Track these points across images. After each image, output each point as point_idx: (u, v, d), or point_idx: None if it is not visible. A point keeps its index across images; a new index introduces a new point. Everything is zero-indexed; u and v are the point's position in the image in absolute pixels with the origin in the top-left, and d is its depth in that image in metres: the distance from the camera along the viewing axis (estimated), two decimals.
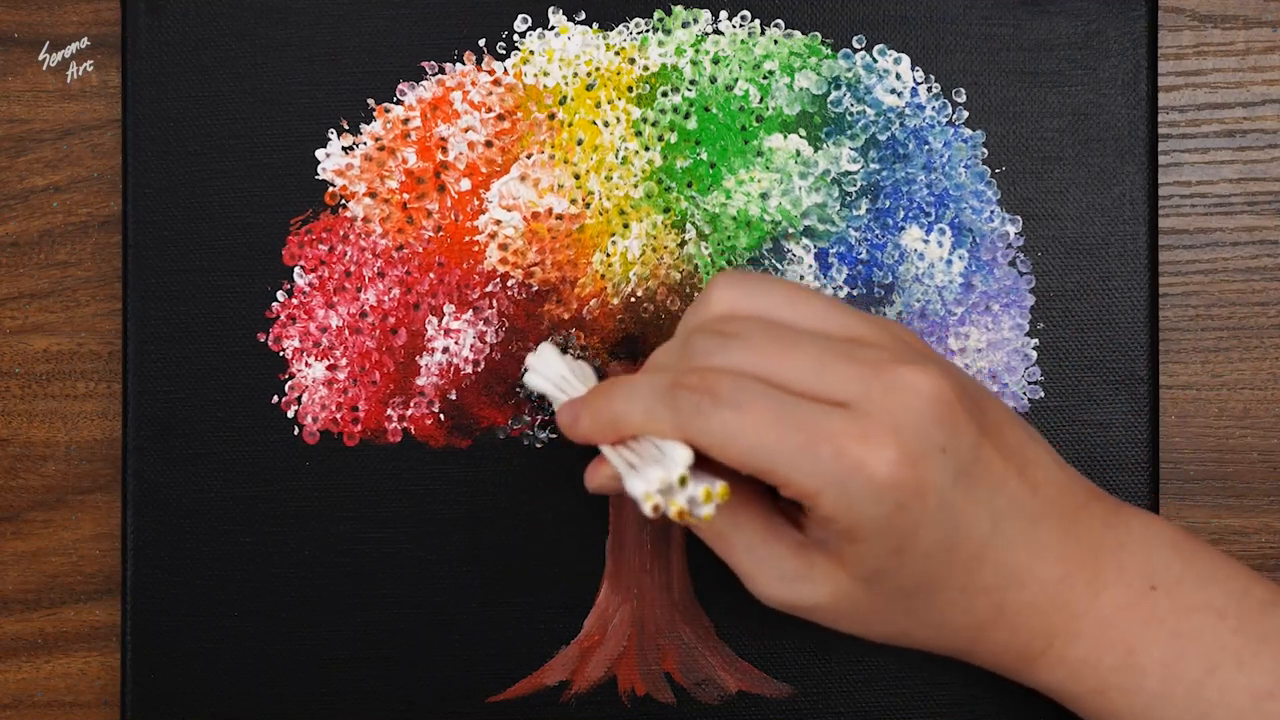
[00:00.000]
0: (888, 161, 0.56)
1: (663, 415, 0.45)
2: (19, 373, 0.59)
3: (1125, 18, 0.56)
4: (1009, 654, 0.49)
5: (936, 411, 0.45)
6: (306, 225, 0.57)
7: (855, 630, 0.49)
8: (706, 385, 0.45)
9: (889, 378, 0.45)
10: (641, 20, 0.57)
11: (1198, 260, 0.59)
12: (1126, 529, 0.49)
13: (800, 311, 0.47)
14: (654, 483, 0.45)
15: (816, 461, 0.44)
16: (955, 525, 0.46)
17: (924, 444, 0.45)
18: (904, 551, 0.46)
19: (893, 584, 0.47)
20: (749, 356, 0.46)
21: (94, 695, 0.58)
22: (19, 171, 0.59)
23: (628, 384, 0.47)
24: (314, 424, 0.56)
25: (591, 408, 0.48)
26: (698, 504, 0.45)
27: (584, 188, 0.56)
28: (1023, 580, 0.47)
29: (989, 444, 0.47)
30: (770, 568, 0.47)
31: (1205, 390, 0.58)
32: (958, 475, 0.45)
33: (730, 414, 0.44)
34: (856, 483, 0.44)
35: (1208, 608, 0.48)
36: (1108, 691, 0.48)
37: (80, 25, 0.59)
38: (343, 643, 0.56)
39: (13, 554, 0.59)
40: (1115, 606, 0.48)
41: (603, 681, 0.56)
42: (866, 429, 0.44)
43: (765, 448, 0.44)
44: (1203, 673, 0.47)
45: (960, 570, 0.47)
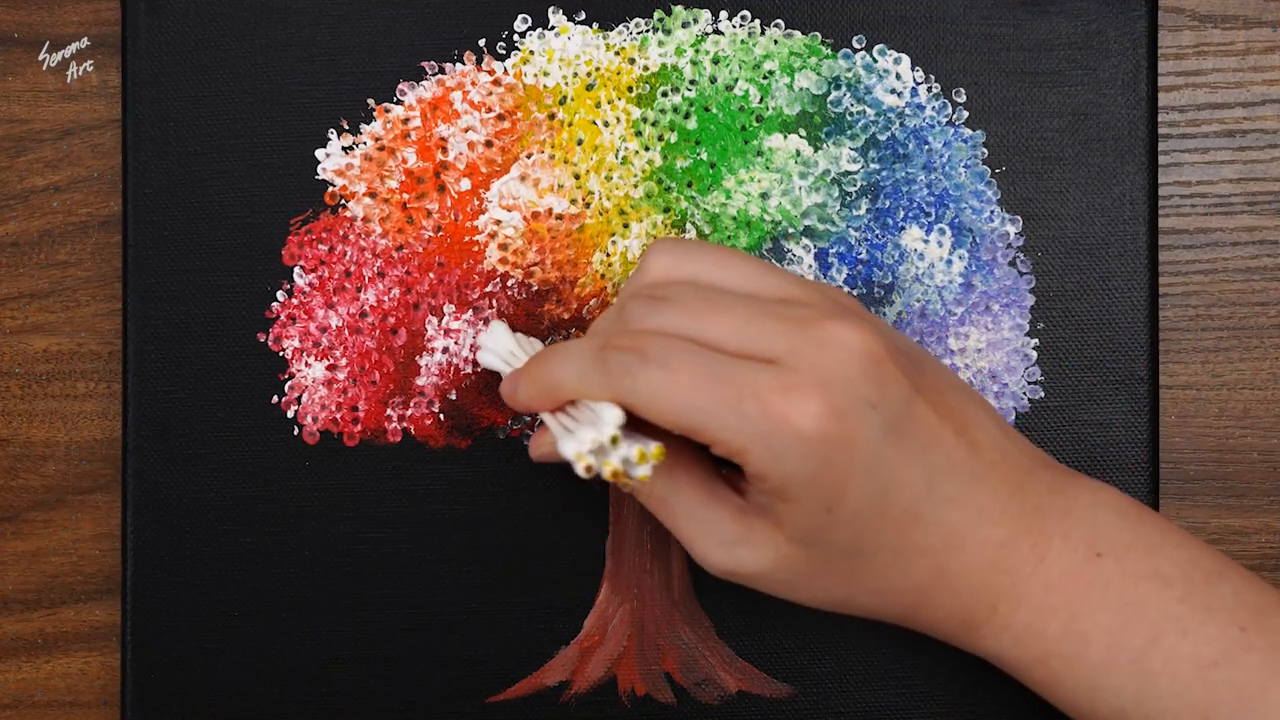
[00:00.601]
0: (888, 161, 0.56)
1: (593, 377, 0.46)
2: (19, 373, 0.59)
3: (1125, 18, 0.56)
4: (952, 620, 0.48)
5: (865, 366, 0.45)
6: (306, 225, 0.57)
7: (799, 597, 0.48)
8: (636, 345, 0.45)
9: (817, 333, 0.45)
10: (641, 20, 0.57)
11: (1198, 260, 0.59)
12: (1074, 495, 0.48)
13: (732, 274, 0.48)
14: (586, 443, 0.45)
15: (743, 418, 0.44)
16: (887, 481, 0.45)
17: (851, 398, 0.45)
18: (835, 509, 0.45)
19: (829, 545, 0.46)
20: (679, 318, 0.46)
21: (94, 695, 0.58)
22: (19, 171, 0.59)
23: (562, 349, 0.47)
24: (314, 424, 0.56)
25: (529, 375, 0.48)
26: (632, 464, 0.45)
27: (584, 188, 0.56)
28: (963, 542, 0.47)
29: (923, 401, 0.46)
30: (711, 532, 0.47)
31: (1205, 390, 0.58)
32: (887, 430, 0.45)
33: (658, 372, 0.44)
34: (782, 437, 0.44)
35: (1154, 576, 0.47)
36: (1050, 660, 0.48)
37: (80, 25, 0.59)
38: (343, 643, 0.56)
39: (13, 554, 0.59)
40: (1060, 572, 0.47)
41: (603, 681, 0.56)
42: (792, 383, 0.44)
43: (693, 405, 0.44)
44: (1147, 641, 0.47)
45: (895, 529, 0.46)
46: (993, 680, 0.56)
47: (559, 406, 0.47)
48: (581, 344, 0.47)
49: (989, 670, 0.56)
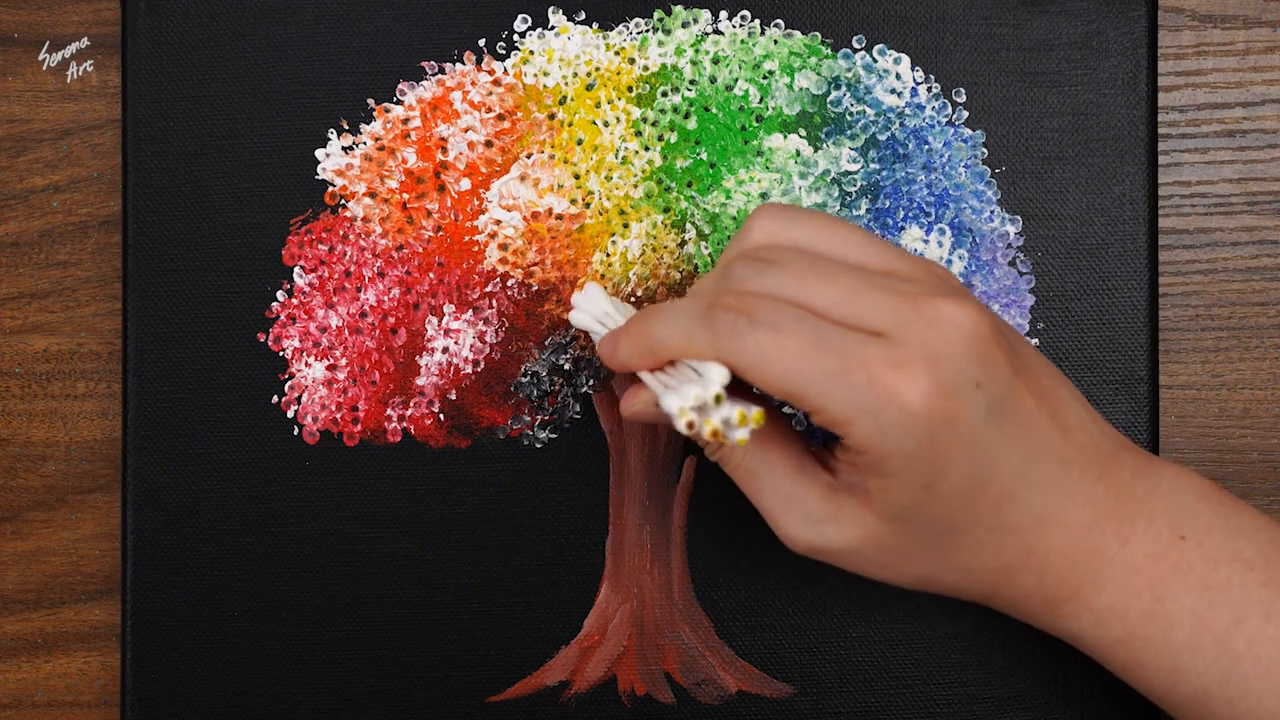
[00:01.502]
0: (888, 161, 0.56)
1: (700, 336, 0.45)
2: (19, 373, 0.59)
3: (1125, 18, 0.56)
4: (1034, 599, 0.48)
5: (972, 346, 0.45)
6: (306, 225, 0.57)
7: (882, 575, 0.48)
8: (744, 307, 0.45)
9: (926, 309, 0.45)
10: (641, 20, 0.57)
11: (1198, 260, 0.59)
12: (1157, 478, 0.49)
13: (839, 243, 0.47)
14: (690, 399, 0.44)
15: (849, 388, 0.44)
16: (986, 462, 0.46)
17: (958, 377, 0.45)
18: (933, 487, 0.45)
19: (921, 522, 0.46)
20: (787, 282, 0.46)
21: (94, 695, 0.58)
22: (19, 171, 0.59)
23: (666, 308, 0.47)
24: (314, 424, 0.56)
25: (630, 333, 0.48)
26: (732, 426, 0.45)
27: (584, 188, 0.56)
28: (1052, 523, 0.47)
29: (1022, 384, 0.46)
30: (797, 509, 0.47)
31: (1205, 390, 0.58)
32: (990, 411, 0.45)
33: (767, 335, 0.44)
34: (888, 411, 0.44)
35: (1236, 559, 0.47)
36: (1133, 640, 0.48)
37: (80, 25, 0.59)
38: (342, 643, 0.56)
39: (13, 554, 0.59)
40: (1144, 554, 0.47)
41: (603, 681, 0.56)
42: (901, 358, 0.44)
43: (799, 371, 0.44)
44: (1230, 623, 0.47)
45: (989, 509, 0.46)
46: (993, 680, 0.56)
47: (659, 366, 0.47)
48: (687, 303, 0.46)
49: (988, 671, 0.56)
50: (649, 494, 0.56)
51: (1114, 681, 0.55)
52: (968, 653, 0.56)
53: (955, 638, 0.56)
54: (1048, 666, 0.56)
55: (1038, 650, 0.56)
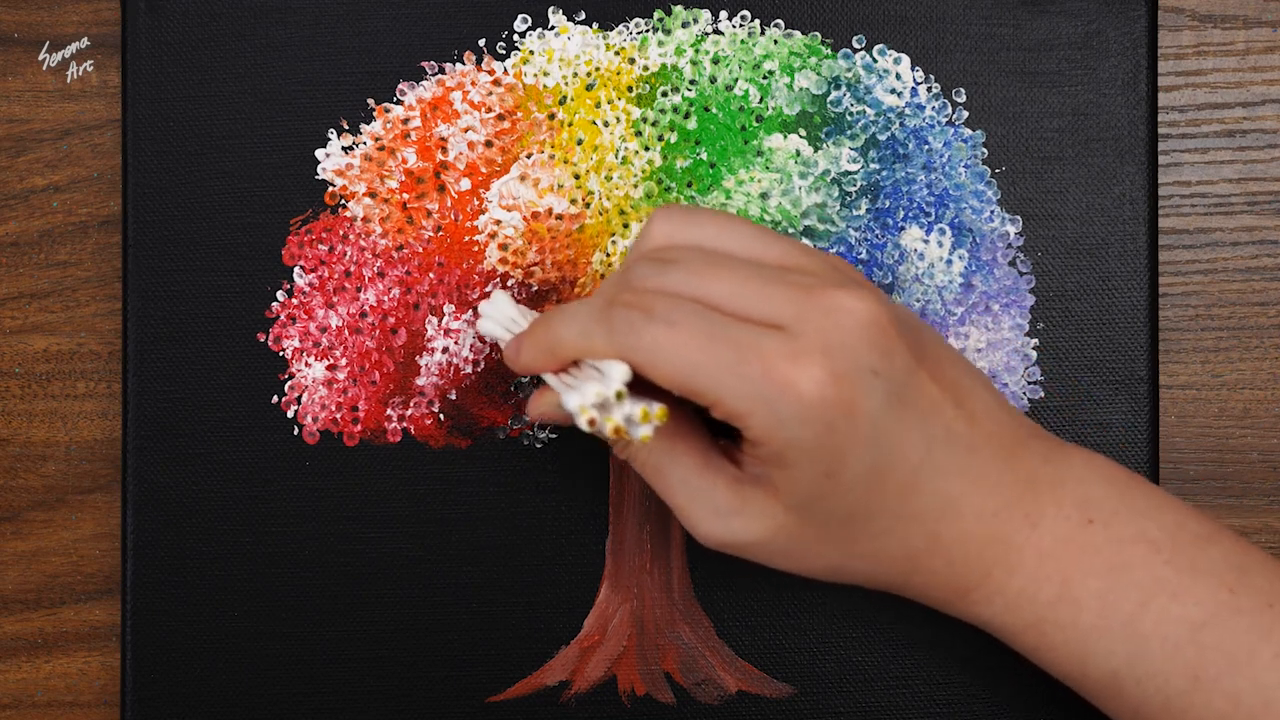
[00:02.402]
0: (888, 161, 0.56)
1: (597, 333, 0.46)
2: (19, 373, 0.59)
3: (1125, 18, 0.56)
4: (945, 587, 0.48)
5: (869, 334, 0.45)
6: (306, 225, 0.57)
7: (791, 566, 0.49)
8: (641, 303, 0.45)
9: (822, 300, 0.45)
10: (641, 20, 0.57)
11: (1198, 260, 0.59)
12: (1066, 464, 0.49)
13: (736, 239, 0.48)
14: (590, 396, 0.44)
15: (745, 380, 0.44)
16: (887, 449, 0.46)
17: (854, 365, 0.45)
18: (835, 475, 0.45)
19: (826, 512, 0.46)
20: (685, 278, 0.46)
21: (94, 695, 0.58)
22: (19, 171, 0.59)
23: (566, 308, 0.47)
24: (314, 424, 0.56)
25: (531, 335, 0.48)
26: (635, 424, 0.45)
27: (584, 188, 0.56)
28: (958, 509, 0.47)
29: (924, 371, 0.47)
30: (705, 502, 0.48)
31: (1205, 390, 0.58)
32: (889, 398, 0.45)
33: (663, 330, 0.44)
34: (785, 402, 0.44)
35: (1141, 539, 0.48)
36: (1043, 625, 0.48)
37: (80, 25, 0.59)
38: (342, 642, 0.56)
39: (13, 554, 0.59)
40: (1053, 539, 0.48)
41: (603, 681, 0.56)
42: (796, 348, 0.44)
43: (696, 365, 0.44)
44: (1137, 605, 0.47)
45: (893, 496, 0.47)
46: (993, 681, 0.56)
47: (562, 367, 0.47)
48: (586, 303, 0.47)
49: (988, 671, 0.56)
50: (649, 494, 0.56)
51: None
52: (967, 653, 0.56)
53: (955, 638, 0.56)
54: None
55: None
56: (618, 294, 0.46)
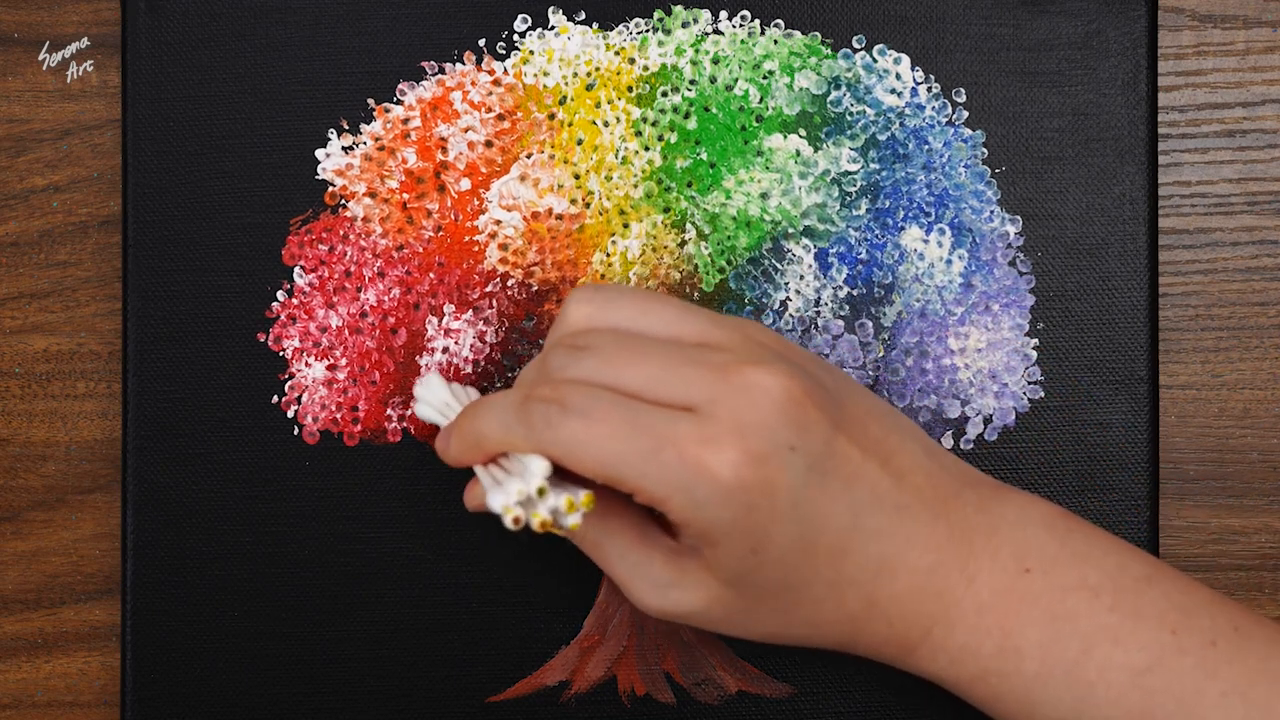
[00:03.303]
0: (888, 161, 0.56)
1: (517, 429, 0.46)
2: (19, 373, 0.59)
3: (1125, 18, 0.56)
4: (889, 645, 0.48)
5: (784, 410, 0.45)
6: (306, 225, 0.57)
7: (735, 633, 0.49)
8: (557, 396, 0.46)
9: (735, 380, 0.45)
10: (641, 20, 0.57)
11: (1198, 260, 0.59)
12: (1000, 513, 0.49)
13: (652, 319, 0.48)
14: (513, 495, 0.45)
15: (662, 467, 0.44)
16: (810, 521, 0.46)
17: (770, 443, 0.45)
18: (760, 551, 0.46)
19: (758, 585, 0.47)
20: (599, 367, 0.46)
21: (94, 695, 0.58)
22: (19, 171, 0.59)
23: (487, 401, 0.48)
24: (314, 424, 0.56)
25: (458, 429, 0.49)
26: (561, 515, 0.45)
27: (584, 188, 0.56)
28: (893, 570, 0.47)
29: (844, 438, 0.46)
30: (644, 575, 0.48)
31: (1205, 390, 0.58)
32: (809, 472, 0.45)
33: (579, 423, 0.45)
34: (702, 486, 0.44)
35: (1082, 586, 0.47)
36: (987, 677, 0.48)
37: (80, 25, 0.59)
38: (342, 643, 0.56)
39: (13, 554, 0.59)
40: (990, 590, 0.47)
41: (603, 681, 0.56)
42: (710, 432, 0.45)
43: (613, 454, 0.45)
44: (1079, 652, 0.47)
45: (824, 565, 0.47)
46: None
47: (490, 459, 0.48)
48: (505, 396, 0.47)
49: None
50: None
51: None
52: None
53: None
54: None
55: None
56: (534, 387, 0.47)
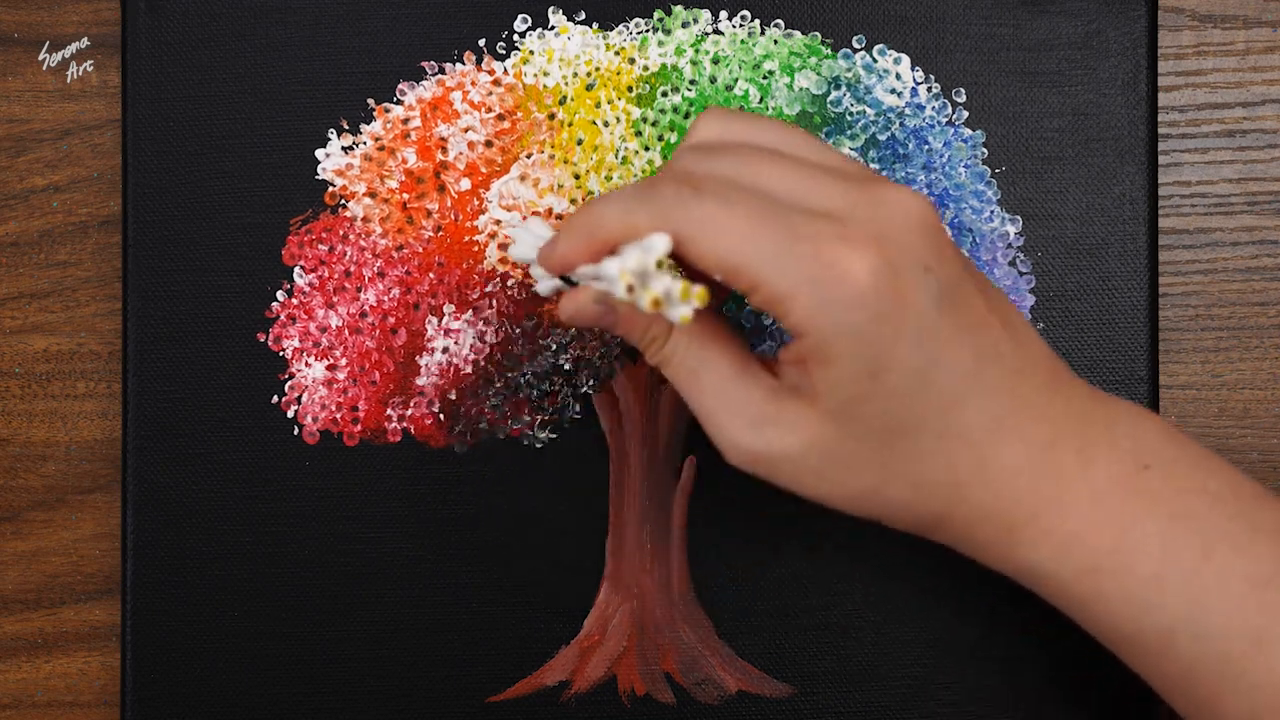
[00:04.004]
0: (888, 161, 0.56)
1: (640, 210, 0.43)
2: (19, 373, 0.59)
3: (1125, 18, 0.56)
4: (989, 522, 0.45)
5: (924, 230, 0.43)
6: (306, 225, 0.57)
7: (824, 489, 0.45)
8: (690, 179, 0.43)
9: (877, 192, 0.43)
10: (641, 20, 0.57)
11: (1198, 260, 0.59)
12: (1116, 407, 0.46)
13: (789, 141, 0.46)
14: (631, 261, 0.41)
15: (794, 259, 0.42)
16: (935, 353, 0.43)
17: (907, 257, 0.43)
18: (879, 376, 0.43)
19: (867, 420, 0.43)
20: (735, 165, 0.44)
21: (94, 695, 0.58)
22: (19, 171, 0.59)
23: (606, 194, 0.45)
24: (314, 424, 0.56)
25: (569, 222, 0.45)
26: (674, 299, 0.41)
27: (584, 188, 0.56)
28: (1007, 433, 0.44)
29: (972, 283, 0.44)
30: (740, 410, 0.45)
31: (1205, 390, 0.58)
32: (941, 299, 0.43)
33: (713, 205, 0.42)
34: (834, 285, 0.42)
35: (1203, 491, 0.45)
36: (1098, 573, 0.45)
37: (80, 25, 0.59)
38: (342, 643, 0.56)
39: (13, 554, 0.59)
40: (1108, 480, 0.45)
41: (603, 681, 0.56)
42: (851, 233, 0.42)
43: (744, 241, 0.42)
44: (1199, 556, 0.44)
45: (938, 409, 0.44)
46: (993, 682, 0.56)
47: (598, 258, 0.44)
48: (628, 186, 0.44)
49: (988, 671, 0.56)
50: (649, 494, 0.56)
51: (1113, 681, 0.55)
52: (967, 653, 0.56)
53: (955, 638, 0.56)
54: (1048, 667, 0.56)
55: (1038, 651, 0.56)
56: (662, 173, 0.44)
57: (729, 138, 0.46)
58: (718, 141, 0.46)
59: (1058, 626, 0.54)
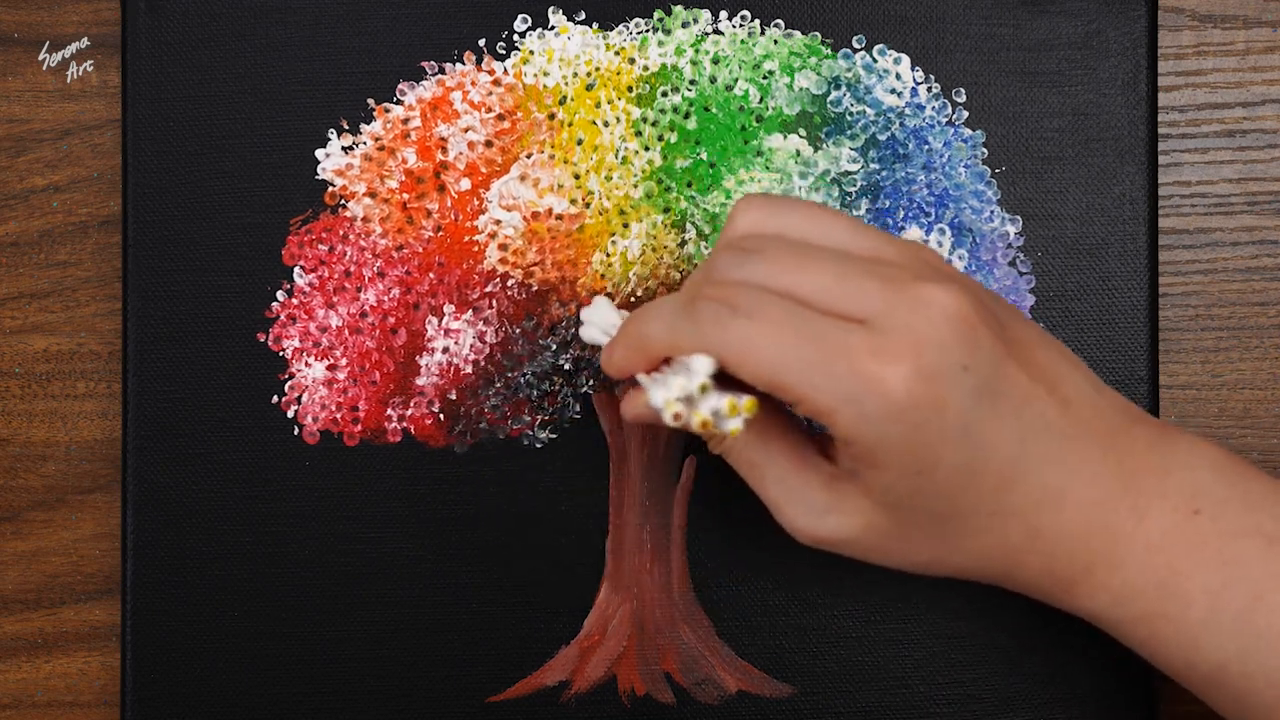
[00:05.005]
0: (887, 161, 0.56)
1: (683, 329, 0.45)
2: (19, 373, 0.59)
3: (1125, 18, 0.56)
4: (1048, 579, 0.47)
5: (957, 328, 0.44)
6: (306, 225, 0.57)
7: (889, 563, 0.48)
8: (725, 296, 0.45)
9: (910, 294, 0.44)
10: (641, 20, 0.57)
11: (1198, 260, 0.59)
12: (1171, 451, 0.47)
13: (823, 230, 0.47)
14: (675, 390, 0.44)
15: (832, 377, 0.43)
16: (979, 445, 0.45)
17: (943, 361, 0.44)
18: (926, 474, 0.45)
19: (919, 511, 0.46)
20: (771, 271, 0.45)
21: (94, 695, 0.58)
22: (19, 171, 0.59)
23: (654, 305, 0.47)
24: (314, 424, 0.56)
25: (623, 335, 0.48)
26: (722, 416, 0.44)
27: (584, 188, 0.56)
28: (1058, 502, 0.46)
29: (1014, 362, 0.46)
30: (801, 500, 0.47)
31: (1205, 390, 0.58)
32: (980, 393, 0.44)
33: (748, 324, 0.44)
34: (872, 399, 0.43)
35: (1256, 533, 0.46)
36: (1151, 619, 0.47)
37: (80, 25, 0.59)
38: (342, 643, 0.56)
39: (13, 554, 0.59)
40: (1160, 530, 0.46)
41: (603, 681, 0.56)
42: (883, 345, 0.44)
43: (782, 360, 0.44)
44: (1249, 599, 0.46)
45: (989, 493, 0.46)
46: (993, 682, 0.56)
47: (654, 366, 0.47)
48: (672, 298, 0.46)
49: (988, 671, 0.56)
50: (649, 494, 0.56)
51: (1114, 681, 0.55)
52: (968, 653, 0.56)
53: (955, 638, 0.56)
54: (1048, 667, 0.56)
55: (1038, 650, 0.56)
56: (702, 288, 0.46)
57: (765, 228, 0.47)
58: (753, 234, 0.47)
59: (1059, 627, 0.54)
